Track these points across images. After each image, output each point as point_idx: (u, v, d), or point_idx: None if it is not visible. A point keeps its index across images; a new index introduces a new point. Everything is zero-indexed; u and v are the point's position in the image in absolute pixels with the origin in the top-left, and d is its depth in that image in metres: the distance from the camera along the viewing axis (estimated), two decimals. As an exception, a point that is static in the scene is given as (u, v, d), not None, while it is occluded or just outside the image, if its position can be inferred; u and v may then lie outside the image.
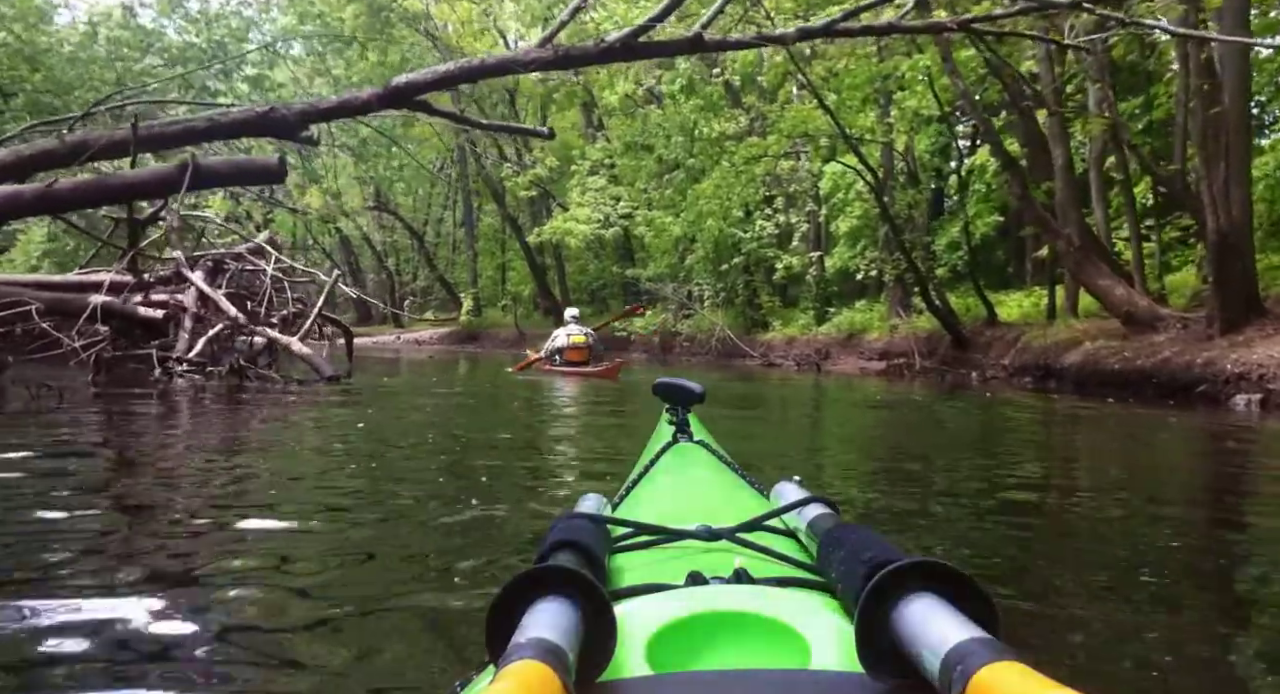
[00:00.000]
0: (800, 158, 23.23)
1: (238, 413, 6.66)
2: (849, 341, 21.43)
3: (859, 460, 5.53)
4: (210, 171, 7.75)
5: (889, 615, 0.61)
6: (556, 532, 0.85)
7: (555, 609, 0.61)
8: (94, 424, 5.83)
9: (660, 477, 1.55)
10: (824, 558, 0.85)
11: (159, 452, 4.72)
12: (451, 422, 7.08)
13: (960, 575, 0.61)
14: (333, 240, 46.35)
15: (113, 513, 3.11)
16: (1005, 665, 0.50)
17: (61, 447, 4.63)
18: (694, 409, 1.94)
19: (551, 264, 34.69)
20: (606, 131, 28.91)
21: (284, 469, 4.32)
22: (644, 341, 26.99)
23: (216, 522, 2.98)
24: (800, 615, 0.71)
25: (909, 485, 4.28)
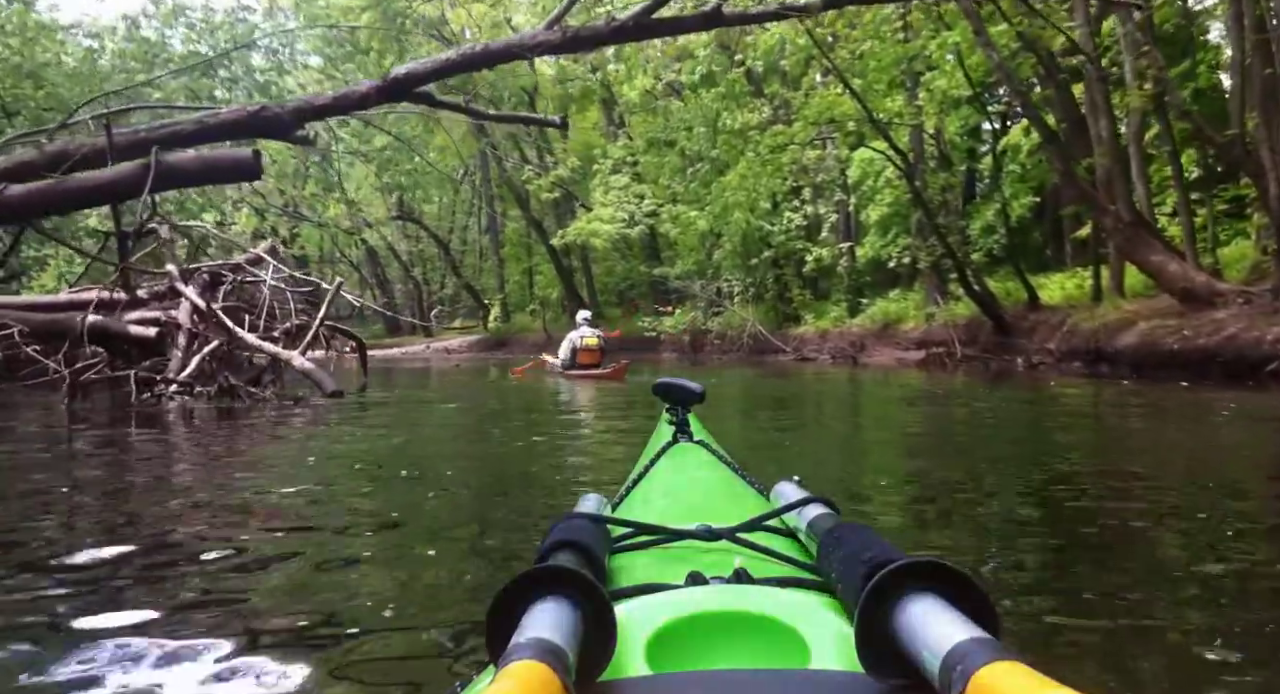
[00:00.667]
0: (827, 146, 22.67)
1: (213, 437, 6.03)
2: (884, 332, 20.85)
3: (900, 461, 5.03)
4: (176, 170, 7.01)
5: (889, 615, 0.60)
6: (556, 532, 0.85)
7: (555, 609, 0.61)
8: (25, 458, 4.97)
9: (660, 477, 1.53)
10: (824, 558, 0.84)
11: (83, 486, 4.08)
12: (455, 431, 6.72)
13: (960, 575, 0.61)
14: (359, 252, 46.27)
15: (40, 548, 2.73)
16: (1005, 665, 0.49)
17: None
18: (694, 409, 1.91)
19: (578, 266, 34.29)
20: (628, 129, 28.42)
21: (264, 484, 4.03)
22: (674, 341, 26.56)
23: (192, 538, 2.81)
24: (800, 615, 0.70)
25: (957, 493, 3.79)
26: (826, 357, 20.46)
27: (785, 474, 1.39)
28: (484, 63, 8.70)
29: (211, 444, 5.57)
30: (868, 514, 3.11)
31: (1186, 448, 5.29)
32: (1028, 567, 2.45)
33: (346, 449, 5.40)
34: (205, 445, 5.50)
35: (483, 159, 35.08)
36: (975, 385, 10.98)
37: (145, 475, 4.34)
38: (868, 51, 15.92)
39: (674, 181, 24.53)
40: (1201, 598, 2.13)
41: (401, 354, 32.76)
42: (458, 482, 4.04)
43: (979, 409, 8.07)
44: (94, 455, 5.04)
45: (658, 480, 1.51)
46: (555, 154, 30.95)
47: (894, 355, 19.52)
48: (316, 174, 16.01)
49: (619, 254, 32.26)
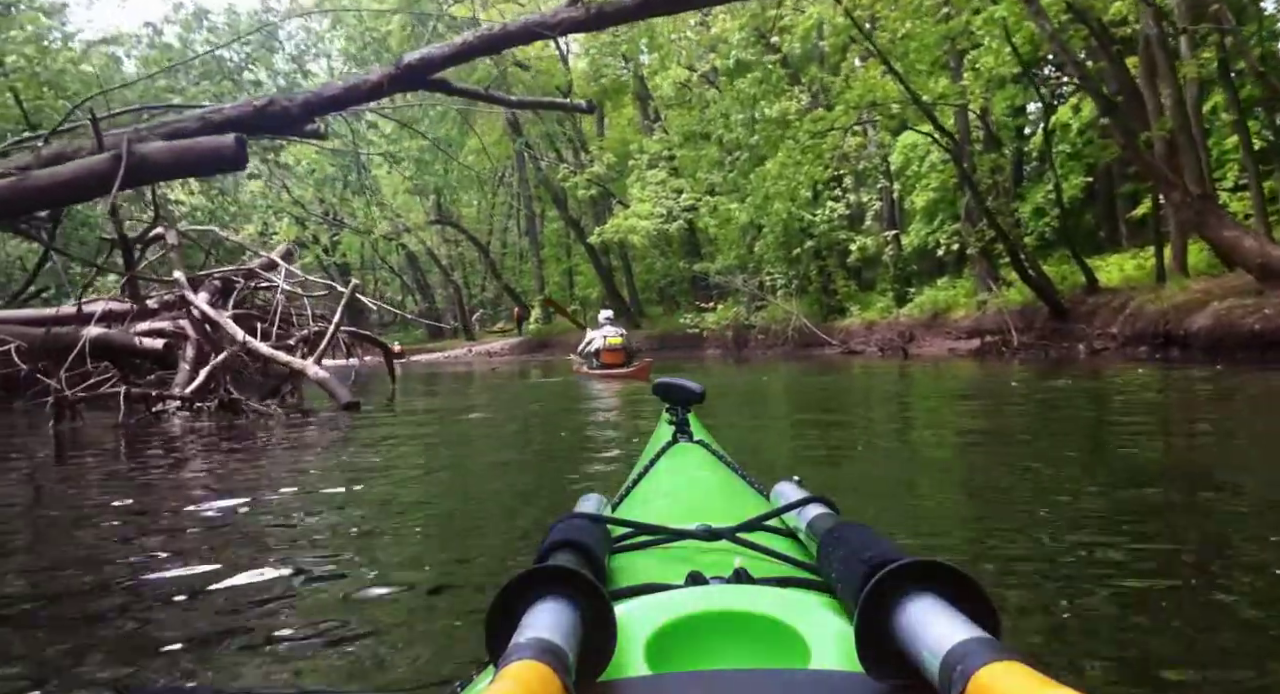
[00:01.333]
0: (868, 132, 22.01)
1: (193, 459, 5.55)
2: (934, 322, 20.19)
3: (957, 468, 4.53)
4: (150, 162, 6.31)
5: (889, 615, 0.60)
6: (556, 532, 0.85)
7: (555, 609, 0.61)
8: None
9: (660, 477, 1.52)
10: (824, 558, 0.83)
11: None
12: (464, 446, 6.29)
13: (960, 575, 0.61)
14: (399, 258, 46.36)
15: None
16: (1005, 665, 0.49)
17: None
18: (694, 409, 1.90)
19: (618, 265, 33.91)
20: (664, 123, 27.94)
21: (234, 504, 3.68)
22: (717, 337, 26.06)
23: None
24: (800, 615, 0.70)
25: (1023, 507, 3.29)
26: (875, 349, 19.84)
27: (786, 474, 1.33)
28: (504, 44, 8.26)
29: (188, 466, 5.11)
30: (938, 539, 2.64)
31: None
32: (1110, 618, 1.97)
33: (342, 464, 5.03)
34: (180, 468, 5.03)
35: (519, 160, 34.83)
36: (1035, 375, 10.37)
37: (96, 504, 3.92)
38: (909, 32, 15.31)
39: (712, 174, 24.00)
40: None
41: (444, 358, 32.70)
42: (454, 491, 3.94)
43: (1041, 402, 7.50)
44: (47, 488, 4.56)
45: (658, 480, 1.49)
46: (591, 151, 30.58)
47: (945, 346, 18.86)
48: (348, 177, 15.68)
49: (658, 251, 31.79)
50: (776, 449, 5.20)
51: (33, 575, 2.60)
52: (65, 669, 1.74)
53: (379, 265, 49.26)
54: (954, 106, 15.87)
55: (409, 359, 33.03)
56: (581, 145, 31.91)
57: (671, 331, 28.28)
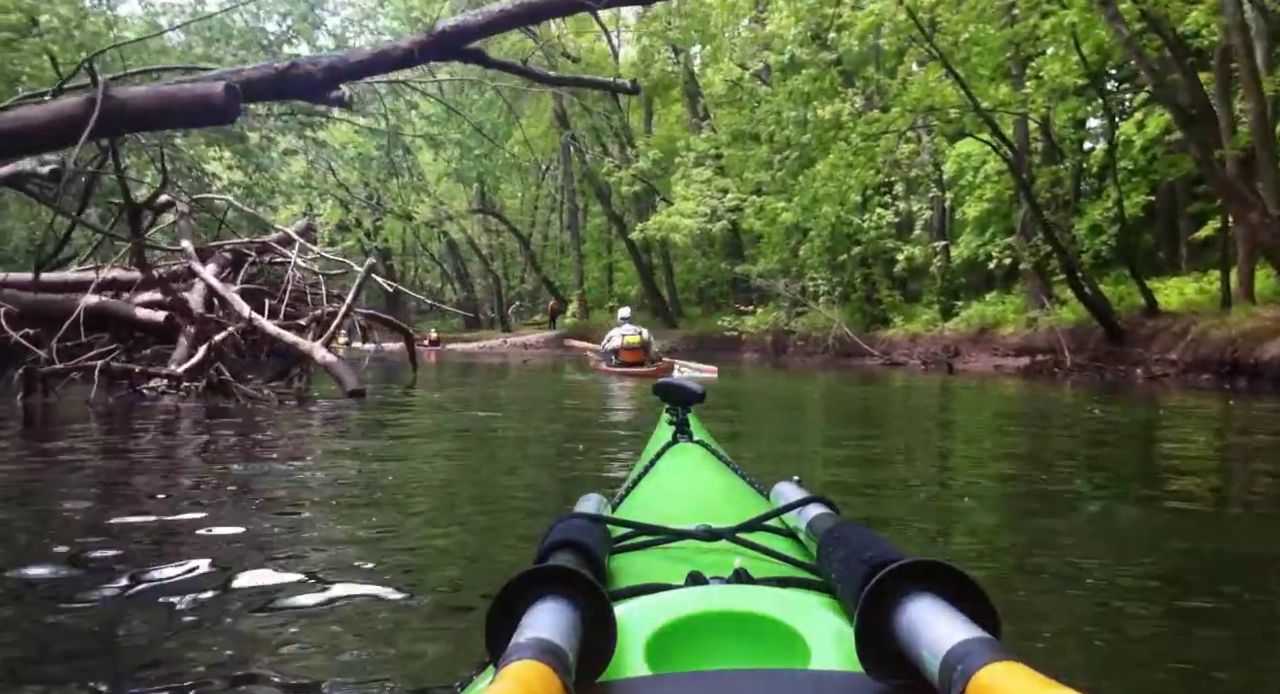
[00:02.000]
0: (921, 138, 21.39)
1: (160, 447, 5.06)
2: (980, 337, 19.54)
3: (1005, 501, 4.04)
4: (130, 108, 5.70)
5: (889, 615, 0.60)
6: (556, 532, 0.84)
7: (555, 609, 0.61)
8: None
9: (660, 477, 1.51)
10: (824, 558, 0.83)
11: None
12: (465, 439, 6.01)
13: (960, 575, 0.61)
14: (441, 246, 46.30)
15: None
16: (1005, 665, 0.50)
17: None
18: (694, 409, 1.87)
19: (659, 263, 33.49)
20: (712, 121, 27.44)
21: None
22: (755, 341, 25.56)
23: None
24: (800, 615, 0.71)
25: (1074, 556, 2.86)
26: (918, 362, 19.24)
27: (786, 475, 1.32)
28: (544, 13, 7.87)
29: (144, 453, 4.67)
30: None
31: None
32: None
33: (326, 456, 4.71)
34: (134, 454, 4.63)
35: (565, 152, 34.55)
36: (1089, 399, 9.81)
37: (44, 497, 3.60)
38: (972, 36, 14.72)
39: (759, 174, 23.45)
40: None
41: (479, 348, 32.60)
42: (452, 490, 3.87)
43: (1096, 428, 6.98)
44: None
45: (658, 480, 1.49)
46: (637, 147, 30.16)
47: (991, 362, 18.23)
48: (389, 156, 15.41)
49: (700, 251, 31.32)
50: (812, 465, 4.79)
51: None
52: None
53: (420, 252, 49.29)
54: (1014, 115, 15.22)
55: (444, 347, 32.98)
56: (628, 140, 31.50)
57: (709, 333, 27.82)
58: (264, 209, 13.20)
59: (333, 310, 8.95)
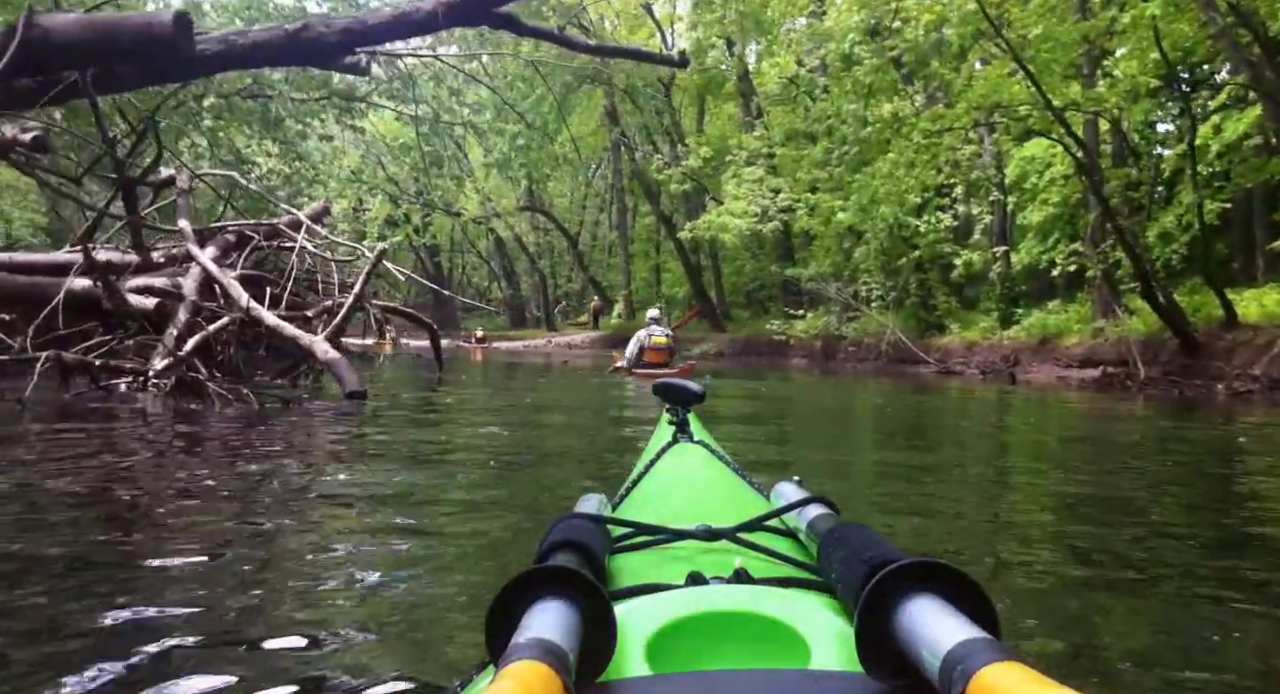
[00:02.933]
0: (983, 140, 20.62)
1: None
2: (1042, 347, 18.76)
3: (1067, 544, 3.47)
4: (55, 37, 4.95)
5: (889, 616, 0.60)
6: (556, 532, 0.85)
7: (555, 609, 0.61)
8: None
9: (660, 477, 1.51)
10: (824, 558, 0.84)
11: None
12: (462, 455, 5.59)
13: (960, 575, 0.61)
14: (488, 244, 46.20)
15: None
16: (1005, 665, 0.50)
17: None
18: (694, 409, 1.87)
19: (707, 264, 32.95)
20: (765, 119, 26.80)
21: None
22: (804, 346, 24.92)
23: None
24: (800, 616, 0.71)
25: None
26: (976, 371, 18.49)
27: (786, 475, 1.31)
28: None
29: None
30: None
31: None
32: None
33: (288, 465, 4.31)
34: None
35: (614, 151, 34.14)
36: (1164, 416, 9.12)
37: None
38: (1043, 31, 13.98)
39: (814, 172, 22.75)
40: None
41: (524, 347, 32.41)
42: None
43: (1175, 450, 6.33)
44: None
45: (658, 480, 1.48)
46: (688, 144, 29.64)
47: (1054, 373, 17.44)
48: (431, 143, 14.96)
49: (749, 253, 30.71)
50: (861, 484, 4.31)
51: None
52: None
53: (468, 249, 49.29)
54: (1087, 115, 14.43)
55: (490, 345, 32.84)
56: (679, 138, 31.00)
57: (757, 336, 27.23)
58: (305, 199, 12.83)
59: (343, 301, 8.41)
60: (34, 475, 3.67)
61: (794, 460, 5.19)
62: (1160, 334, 14.44)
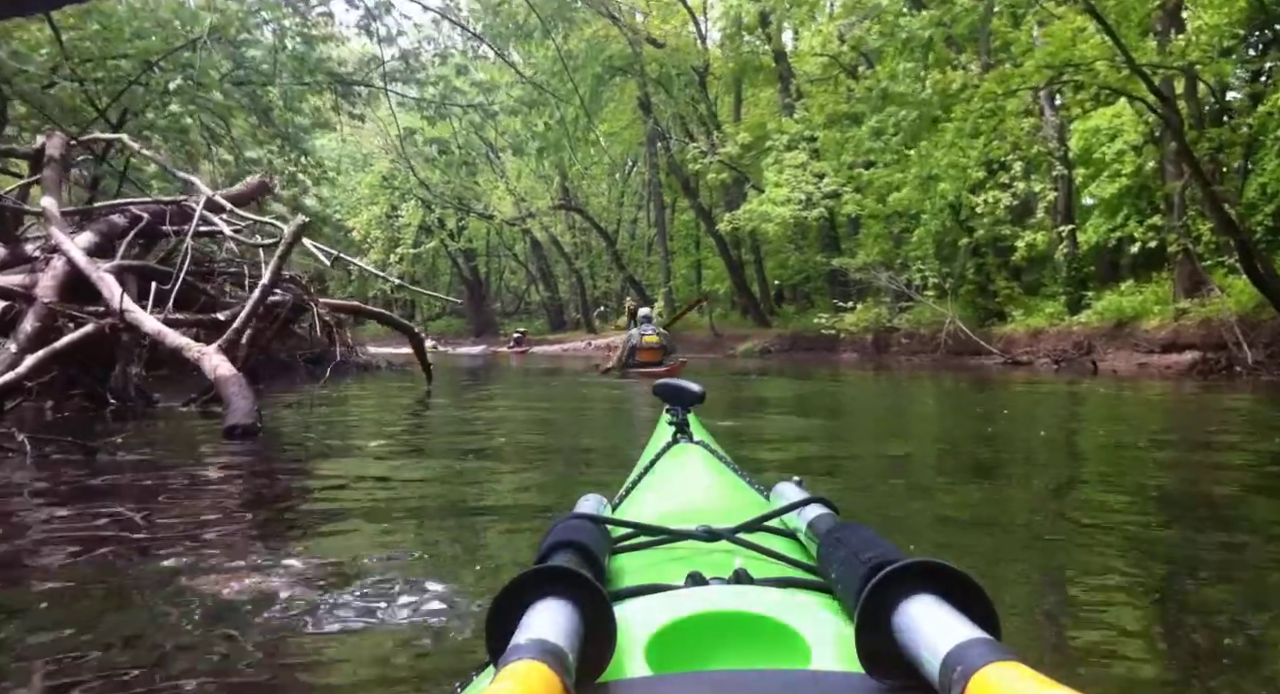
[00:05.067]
0: (1044, 112, 19.06)
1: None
2: (1117, 332, 17.20)
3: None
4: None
5: (889, 616, 0.60)
6: (556, 532, 0.85)
7: (555, 609, 0.61)
8: None
9: (660, 477, 1.51)
10: (824, 558, 0.84)
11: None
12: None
13: (960, 575, 0.61)
14: (524, 246, 45.30)
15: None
16: (1005, 666, 0.49)
17: None
18: (694, 410, 1.85)
19: (749, 259, 31.61)
20: (806, 100, 25.35)
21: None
22: (854, 341, 23.52)
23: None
24: (800, 616, 0.71)
25: None
26: (1048, 361, 17.02)
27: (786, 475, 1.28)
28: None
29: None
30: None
31: None
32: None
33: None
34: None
35: (650, 146, 32.96)
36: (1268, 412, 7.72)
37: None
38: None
39: (861, 153, 21.24)
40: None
41: (563, 351, 31.38)
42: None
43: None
44: None
45: (658, 481, 1.49)
46: (724, 132, 28.32)
47: (1133, 360, 15.93)
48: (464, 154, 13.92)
49: (793, 244, 29.32)
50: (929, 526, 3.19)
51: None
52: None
53: (504, 253, 48.49)
54: (1169, 71, 12.88)
55: (528, 350, 31.82)
56: (716, 128, 29.72)
57: (804, 331, 25.87)
58: (311, 201, 11.74)
59: (284, 300, 6.90)
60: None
61: (848, 489, 4.00)
62: (1257, 313, 12.91)
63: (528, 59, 29.55)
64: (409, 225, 40.19)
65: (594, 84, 29.48)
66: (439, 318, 49.98)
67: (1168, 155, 15.61)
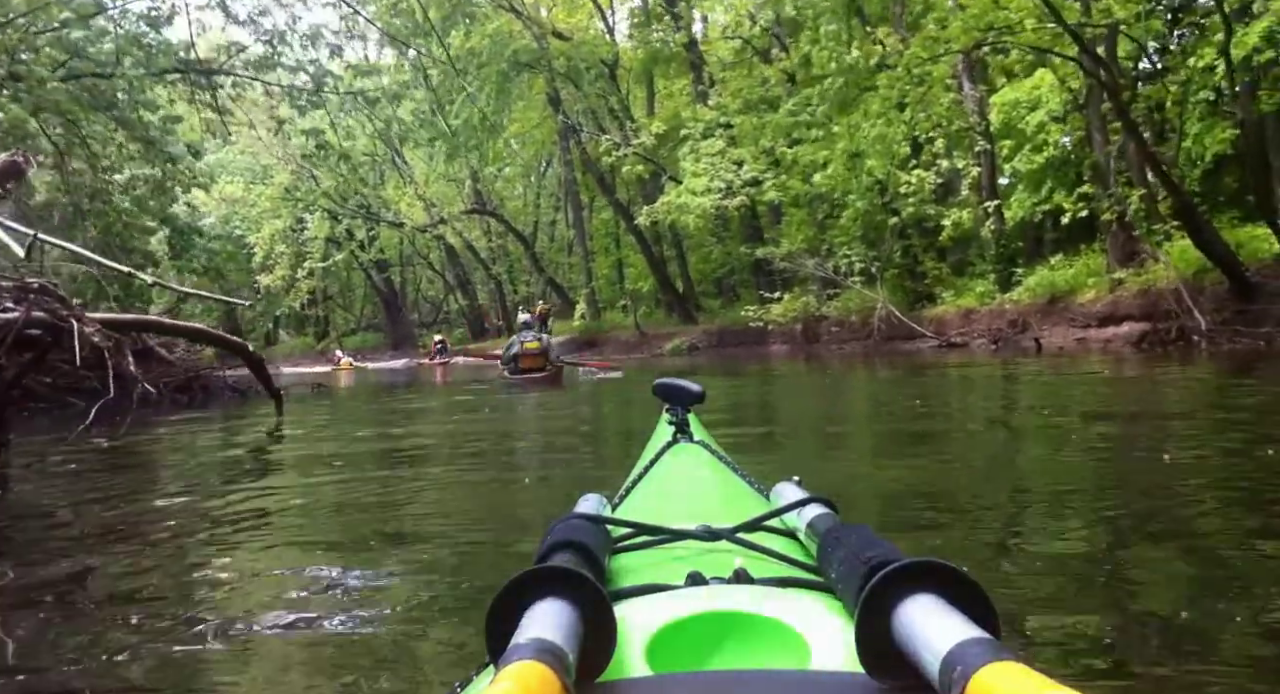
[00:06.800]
0: (963, 86, 18.55)
1: None
2: (1051, 308, 16.76)
3: None
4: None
5: (889, 615, 0.60)
6: (556, 532, 0.84)
7: (555, 609, 0.61)
8: None
9: (660, 477, 1.50)
10: (824, 558, 0.83)
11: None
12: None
13: (960, 575, 0.60)
14: (440, 255, 43.73)
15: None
16: (1005, 665, 0.49)
17: None
18: (693, 409, 1.83)
19: (671, 254, 30.73)
20: (720, 86, 24.50)
21: None
22: (784, 332, 22.79)
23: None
24: (800, 616, 0.71)
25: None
26: (986, 341, 16.45)
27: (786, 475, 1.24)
28: None
29: None
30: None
31: None
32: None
33: None
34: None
35: (563, 143, 31.85)
36: (1243, 383, 7.04)
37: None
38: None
39: (778, 140, 20.48)
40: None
41: (485, 361, 29.97)
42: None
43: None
44: None
45: (658, 480, 1.48)
46: (637, 120, 27.36)
47: (1070, 335, 15.46)
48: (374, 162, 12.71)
49: (715, 237, 28.51)
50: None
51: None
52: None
53: (418, 262, 46.85)
54: (1096, 33, 12.23)
55: (452, 360, 30.35)
56: (629, 119, 28.76)
57: (731, 326, 25.07)
58: (180, 208, 10.36)
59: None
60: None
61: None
62: (1199, 279, 12.44)
63: (427, 55, 28.20)
64: (315, 238, 38.32)
65: (500, 80, 28.28)
66: (354, 333, 48.10)
67: (1094, 123, 15.17)
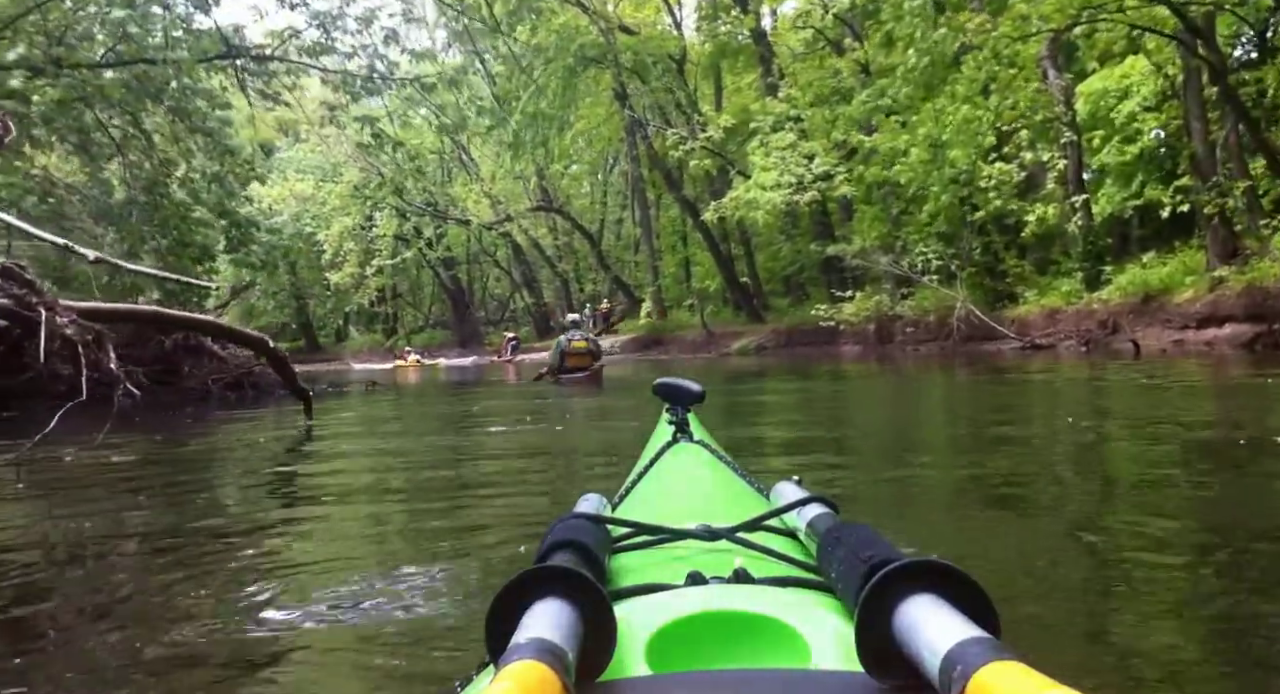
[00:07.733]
0: (1047, 76, 17.60)
1: None
2: (1144, 308, 15.77)
3: None
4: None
5: (889, 615, 0.60)
6: (556, 532, 0.84)
7: (555, 609, 0.61)
8: None
9: (660, 476, 1.50)
10: (824, 557, 0.83)
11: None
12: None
13: (960, 575, 0.60)
14: (506, 253, 43.68)
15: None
16: (1005, 665, 0.49)
17: None
18: (693, 409, 1.84)
19: (739, 252, 30.09)
20: (790, 78, 23.82)
21: None
22: (855, 332, 22.02)
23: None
24: (800, 615, 0.71)
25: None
26: (1073, 342, 15.55)
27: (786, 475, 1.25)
28: None
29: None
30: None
31: None
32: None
33: None
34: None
35: (630, 139, 31.42)
36: None
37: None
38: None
39: (849, 134, 19.73)
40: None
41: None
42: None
43: None
44: None
45: (658, 480, 1.47)
46: (704, 114, 26.75)
47: (1167, 337, 14.51)
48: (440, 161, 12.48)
49: (784, 234, 27.78)
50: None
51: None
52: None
53: (485, 260, 46.90)
54: (1201, 8, 11.35)
55: (517, 358, 30.18)
56: (697, 113, 28.18)
57: (800, 325, 24.36)
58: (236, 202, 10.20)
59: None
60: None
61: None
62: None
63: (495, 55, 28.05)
64: (384, 235, 38.57)
65: (566, 76, 27.96)
66: (422, 330, 48.40)
67: (1193, 111, 14.20)
